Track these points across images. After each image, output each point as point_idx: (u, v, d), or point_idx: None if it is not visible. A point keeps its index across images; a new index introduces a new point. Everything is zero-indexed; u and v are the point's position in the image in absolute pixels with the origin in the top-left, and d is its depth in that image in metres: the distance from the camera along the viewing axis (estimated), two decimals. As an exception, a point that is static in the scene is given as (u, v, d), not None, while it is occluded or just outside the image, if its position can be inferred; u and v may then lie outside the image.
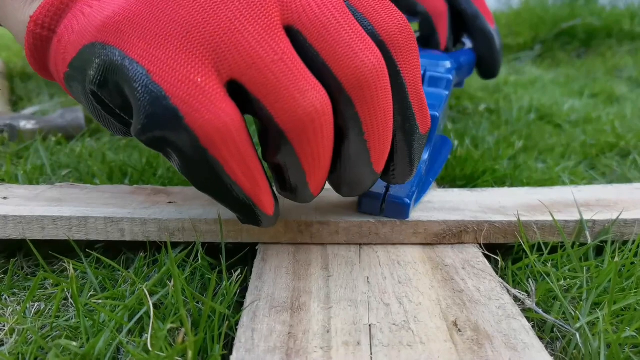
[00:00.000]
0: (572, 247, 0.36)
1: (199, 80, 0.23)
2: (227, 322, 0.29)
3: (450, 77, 0.45)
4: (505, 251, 0.38)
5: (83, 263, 0.35)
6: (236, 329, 0.27)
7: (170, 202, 0.38)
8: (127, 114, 0.26)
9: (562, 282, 0.33)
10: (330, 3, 0.26)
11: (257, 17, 0.24)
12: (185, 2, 0.24)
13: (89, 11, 0.26)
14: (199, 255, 0.34)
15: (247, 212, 0.28)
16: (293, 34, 0.25)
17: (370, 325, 0.27)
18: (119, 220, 0.35)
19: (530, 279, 0.33)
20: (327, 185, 0.44)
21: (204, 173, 0.25)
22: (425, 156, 0.38)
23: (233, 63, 0.24)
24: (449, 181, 0.54)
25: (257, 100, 0.24)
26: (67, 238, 0.35)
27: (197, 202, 0.38)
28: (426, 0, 0.59)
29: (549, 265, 0.35)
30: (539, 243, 0.36)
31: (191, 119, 0.23)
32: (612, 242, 0.37)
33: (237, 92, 0.24)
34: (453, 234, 0.36)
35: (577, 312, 0.30)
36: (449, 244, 0.36)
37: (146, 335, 0.27)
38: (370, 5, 0.27)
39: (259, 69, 0.24)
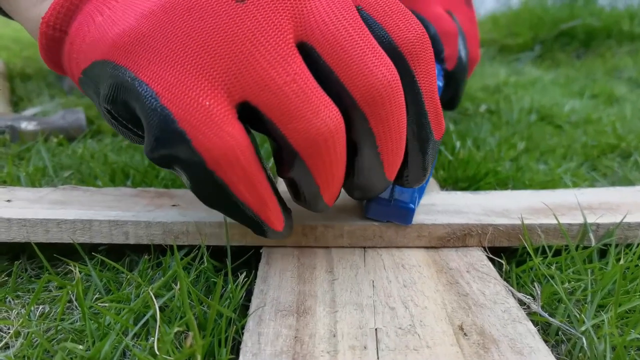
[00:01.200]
0: (576, 249, 0.36)
1: (207, 103, 0.23)
2: (234, 326, 0.29)
3: (440, 83, 0.46)
4: (509, 254, 0.38)
5: (87, 265, 0.35)
6: (242, 333, 0.27)
7: (174, 205, 0.38)
8: (140, 130, 0.27)
9: (566, 285, 0.33)
10: (344, 18, 0.26)
11: (269, 37, 0.24)
12: (197, 23, 0.24)
13: (100, 20, 0.26)
14: (204, 258, 0.34)
15: (255, 227, 0.28)
16: (307, 49, 0.25)
17: (376, 329, 0.27)
18: (123, 224, 0.35)
19: (535, 282, 0.33)
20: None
21: (212, 193, 0.25)
22: None
23: (245, 85, 0.24)
24: (451, 183, 0.54)
25: (270, 122, 0.24)
26: (71, 241, 0.35)
27: (201, 205, 0.38)
28: (437, 22, 0.60)
29: (552, 268, 0.35)
30: (543, 246, 0.36)
31: (198, 142, 0.23)
32: (616, 245, 0.37)
33: (249, 111, 0.25)
34: (457, 237, 0.36)
35: (582, 314, 0.30)
36: (453, 247, 0.36)
37: (152, 338, 0.27)
38: (386, 14, 0.27)
39: (272, 91, 0.24)
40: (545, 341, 0.30)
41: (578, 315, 0.30)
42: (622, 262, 0.32)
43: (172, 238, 0.35)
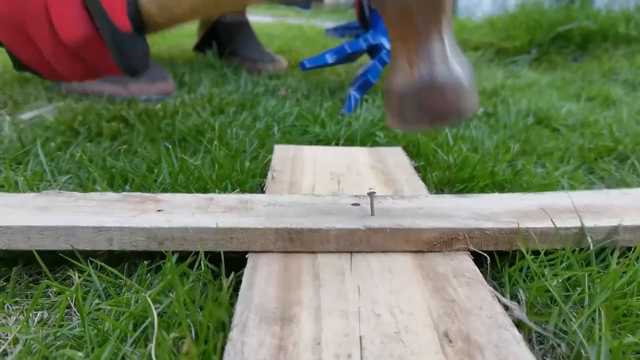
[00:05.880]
0: (572, 253, 0.35)
1: None
2: (222, 334, 0.28)
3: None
4: (501, 255, 0.37)
5: (86, 270, 0.34)
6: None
7: (159, 210, 0.38)
8: None
9: (554, 283, 0.32)
10: None
11: None
12: None
13: None
14: (201, 264, 0.34)
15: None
16: None
17: (361, 337, 0.26)
18: (106, 230, 0.35)
19: (521, 289, 0.32)
20: (318, 192, 0.44)
21: None
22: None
23: None
24: (448, 185, 0.53)
25: None
26: (53, 248, 0.35)
27: (186, 209, 0.38)
28: None
29: (543, 267, 0.34)
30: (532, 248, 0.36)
31: None
32: (604, 249, 0.36)
33: None
34: (444, 241, 0.35)
35: (577, 318, 0.29)
36: (440, 251, 0.35)
37: (151, 344, 0.27)
38: None
39: None
40: (541, 343, 0.29)
41: (574, 319, 0.30)
42: (614, 265, 0.31)
43: (157, 244, 0.35)
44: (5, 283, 0.35)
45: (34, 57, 0.55)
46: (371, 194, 0.36)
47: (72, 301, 0.33)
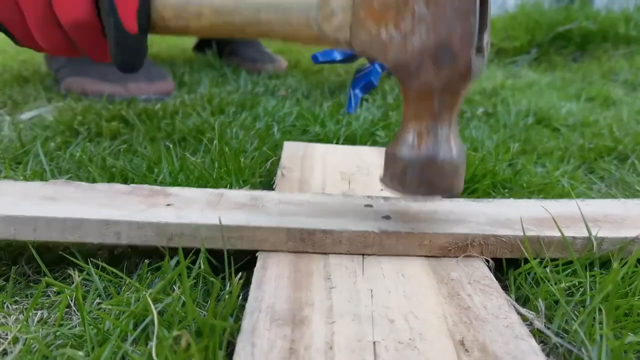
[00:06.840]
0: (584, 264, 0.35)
1: None
2: (227, 330, 0.28)
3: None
4: (510, 261, 0.37)
5: (86, 269, 0.33)
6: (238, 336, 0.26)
7: (168, 205, 0.37)
8: None
9: (562, 286, 0.32)
10: None
11: None
12: None
13: None
14: (201, 262, 0.33)
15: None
16: None
17: (374, 343, 0.26)
18: (115, 223, 0.34)
19: (539, 299, 0.32)
20: (329, 191, 0.43)
21: None
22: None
23: None
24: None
25: None
26: (60, 240, 0.34)
27: (196, 205, 0.37)
28: None
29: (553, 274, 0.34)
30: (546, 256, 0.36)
31: None
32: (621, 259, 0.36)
33: None
34: (459, 247, 0.35)
35: (580, 318, 0.29)
36: (454, 256, 0.35)
37: (151, 343, 0.26)
38: None
39: None
40: (544, 343, 0.29)
41: (576, 319, 0.30)
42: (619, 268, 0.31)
43: (166, 240, 0.34)
44: (4, 282, 0.35)
45: (13, 18, 0.50)
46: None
47: (72, 300, 0.32)
